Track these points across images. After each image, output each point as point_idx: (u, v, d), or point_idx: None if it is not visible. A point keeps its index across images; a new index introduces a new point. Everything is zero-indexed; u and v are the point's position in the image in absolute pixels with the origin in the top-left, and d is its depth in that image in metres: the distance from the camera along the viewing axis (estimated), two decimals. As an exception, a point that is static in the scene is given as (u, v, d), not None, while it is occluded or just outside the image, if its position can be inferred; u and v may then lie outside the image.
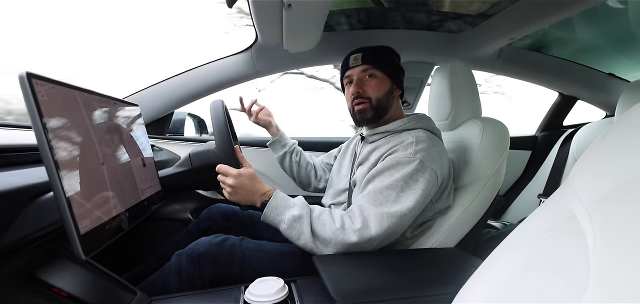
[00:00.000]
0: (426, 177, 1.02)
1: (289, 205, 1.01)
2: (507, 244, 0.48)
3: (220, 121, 1.08)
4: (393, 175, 1.02)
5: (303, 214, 0.98)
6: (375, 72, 1.19)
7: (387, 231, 0.96)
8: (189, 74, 1.69)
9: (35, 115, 0.59)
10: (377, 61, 1.19)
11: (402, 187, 1.00)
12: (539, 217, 0.46)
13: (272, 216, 1.00)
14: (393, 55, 1.24)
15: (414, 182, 1.01)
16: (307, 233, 0.96)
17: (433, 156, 1.05)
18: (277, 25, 1.29)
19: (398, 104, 1.26)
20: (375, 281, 0.82)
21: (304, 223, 0.97)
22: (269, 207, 1.00)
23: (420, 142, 1.06)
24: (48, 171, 0.60)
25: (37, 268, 0.68)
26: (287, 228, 0.98)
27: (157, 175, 1.14)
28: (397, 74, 1.23)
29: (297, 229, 0.97)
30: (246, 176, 1.03)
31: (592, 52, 1.98)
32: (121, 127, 0.94)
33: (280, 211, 1.00)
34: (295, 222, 0.97)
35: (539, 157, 2.27)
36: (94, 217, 0.69)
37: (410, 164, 1.02)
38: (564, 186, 0.45)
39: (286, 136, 1.56)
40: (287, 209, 0.99)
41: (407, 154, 1.04)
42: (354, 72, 1.21)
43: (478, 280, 0.49)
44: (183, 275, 0.95)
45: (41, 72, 0.63)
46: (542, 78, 2.12)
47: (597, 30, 1.77)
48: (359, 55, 1.20)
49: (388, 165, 1.04)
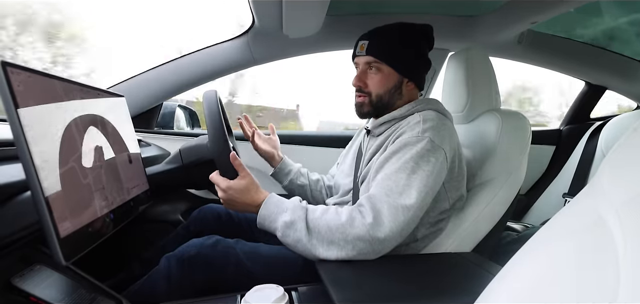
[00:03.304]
0: (437, 156, 1.01)
1: (282, 209, 0.98)
2: (529, 249, 0.48)
3: (213, 113, 1.07)
4: (401, 158, 1.00)
5: (295, 219, 0.95)
6: (380, 66, 1.16)
7: (401, 225, 0.94)
8: (179, 61, 1.68)
9: (10, 107, 0.59)
10: (385, 54, 1.15)
11: (412, 168, 0.98)
12: (563, 219, 0.46)
13: (266, 223, 0.99)
14: (413, 42, 1.18)
15: (425, 162, 0.99)
16: (303, 238, 0.94)
17: (442, 134, 1.04)
18: (275, 8, 1.29)
19: (410, 95, 1.21)
20: (384, 290, 0.82)
21: (298, 229, 0.95)
22: (260, 215, 0.99)
23: (428, 121, 1.05)
24: (25, 168, 0.60)
25: (13, 275, 0.68)
26: (282, 235, 0.96)
27: (145, 173, 1.14)
28: (413, 66, 1.19)
29: (292, 236, 0.95)
30: (237, 190, 1.00)
31: (623, 38, 1.97)
32: (105, 120, 0.94)
33: (274, 217, 0.98)
34: (288, 229, 0.95)
35: (563, 152, 2.26)
36: (75, 219, 0.69)
37: (419, 143, 1.01)
38: (591, 184, 0.44)
39: (288, 160, 1.52)
40: (280, 214, 0.98)
41: (415, 133, 1.03)
42: (360, 61, 1.20)
43: (497, 289, 0.49)
44: (173, 281, 0.95)
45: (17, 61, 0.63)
46: (567, 66, 2.11)
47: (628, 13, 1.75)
48: (366, 43, 1.17)
49: (396, 148, 1.03)
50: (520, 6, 1.48)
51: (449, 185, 1.11)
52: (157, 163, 1.29)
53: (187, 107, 2.25)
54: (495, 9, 1.59)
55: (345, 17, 1.65)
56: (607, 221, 0.38)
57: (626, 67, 2.11)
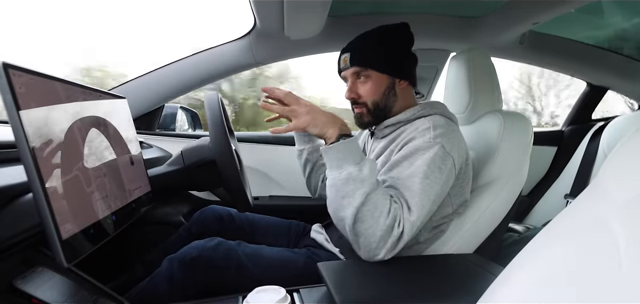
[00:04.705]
0: (446, 163, 1.01)
1: (360, 160, 0.93)
2: (531, 250, 0.47)
3: (215, 115, 1.08)
4: (413, 163, 0.99)
5: (366, 179, 0.90)
6: (367, 73, 1.14)
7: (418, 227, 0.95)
8: (181, 63, 1.69)
9: (12, 109, 0.59)
10: (369, 60, 1.14)
11: (425, 173, 0.97)
12: (565, 219, 0.46)
13: (336, 156, 0.94)
14: (392, 42, 1.17)
15: (437, 169, 0.98)
16: (356, 201, 0.90)
17: (452, 142, 1.03)
18: (277, 9, 1.29)
19: (406, 95, 1.20)
20: (386, 291, 0.82)
21: (359, 190, 0.90)
22: (340, 144, 0.93)
23: (439, 127, 1.04)
24: (26, 170, 0.60)
25: (15, 277, 0.68)
26: (344, 179, 0.91)
27: (147, 174, 1.14)
28: (399, 64, 1.17)
29: (351, 188, 0.91)
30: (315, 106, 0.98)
31: (625, 38, 1.96)
32: (107, 122, 0.94)
33: (348, 158, 0.93)
34: (353, 181, 0.90)
35: (565, 153, 2.26)
36: (77, 221, 0.69)
37: (431, 149, 1.00)
38: (593, 185, 0.44)
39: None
40: (355, 163, 0.92)
41: (426, 139, 1.02)
42: (347, 75, 1.18)
43: (498, 290, 0.49)
44: (175, 283, 0.95)
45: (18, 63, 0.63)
46: (568, 66, 2.11)
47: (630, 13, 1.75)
48: (348, 55, 1.16)
49: (407, 153, 1.02)
50: (521, 7, 1.48)
51: (453, 191, 1.11)
52: (159, 165, 1.29)
53: (189, 109, 2.25)
54: (497, 9, 1.59)
55: (346, 18, 1.65)
56: (609, 222, 0.38)
57: (628, 67, 2.11)
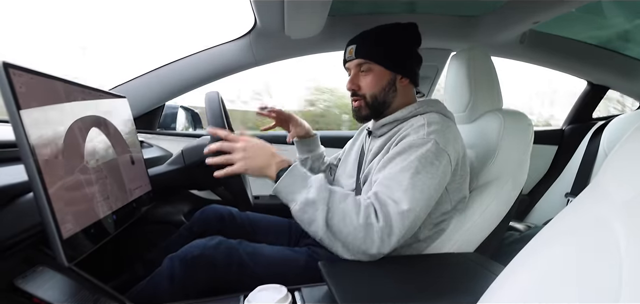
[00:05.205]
0: (441, 159, 1.00)
1: (306, 184, 0.96)
2: (531, 249, 0.47)
3: (216, 114, 1.07)
4: (406, 159, 0.99)
5: (318, 200, 0.92)
6: (371, 66, 1.16)
7: (407, 229, 0.94)
8: (181, 62, 1.68)
9: (12, 108, 0.59)
10: (373, 54, 1.15)
11: (417, 168, 0.97)
12: (566, 218, 0.45)
13: (284, 191, 0.96)
14: (398, 39, 1.18)
15: (429, 164, 0.99)
16: (320, 222, 0.92)
17: (447, 138, 1.04)
18: (277, 9, 1.29)
19: (406, 92, 1.21)
20: (387, 290, 0.82)
21: (319, 210, 0.92)
22: (283, 180, 0.96)
23: (433, 124, 1.05)
24: (27, 169, 0.60)
25: (15, 276, 0.68)
26: (299, 210, 0.94)
27: (147, 174, 1.14)
28: (402, 61, 1.18)
29: (309, 215, 0.93)
30: (256, 146, 1.00)
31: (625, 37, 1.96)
32: (107, 122, 0.94)
33: (295, 188, 0.96)
34: (308, 207, 0.93)
35: (566, 152, 2.26)
36: (77, 220, 0.69)
37: (425, 145, 1.00)
38: (594, 184, 0.44)
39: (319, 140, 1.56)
40: (303, 189, 0.95)
41: (420, 135, 1.02)
42: (351, 66, 1.20)
43: (499, 289, 0.49)
44: (176, 282, 0.95)
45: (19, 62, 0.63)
46: (569, 65, 2.11)
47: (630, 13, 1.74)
48: (354, 47, 1.17)
49: (400, 149, 1.02)
50: (521, 6, 1.48)
51: (451, 187, 1.11)
52: (159, 164, 1.29)
53: (189, 108, 2.25)
54: (497, 9, 1.59)
55: (347, 18, 1.64)
56: (610, 220, 0.38)
57: (628, 66, 2.11)
